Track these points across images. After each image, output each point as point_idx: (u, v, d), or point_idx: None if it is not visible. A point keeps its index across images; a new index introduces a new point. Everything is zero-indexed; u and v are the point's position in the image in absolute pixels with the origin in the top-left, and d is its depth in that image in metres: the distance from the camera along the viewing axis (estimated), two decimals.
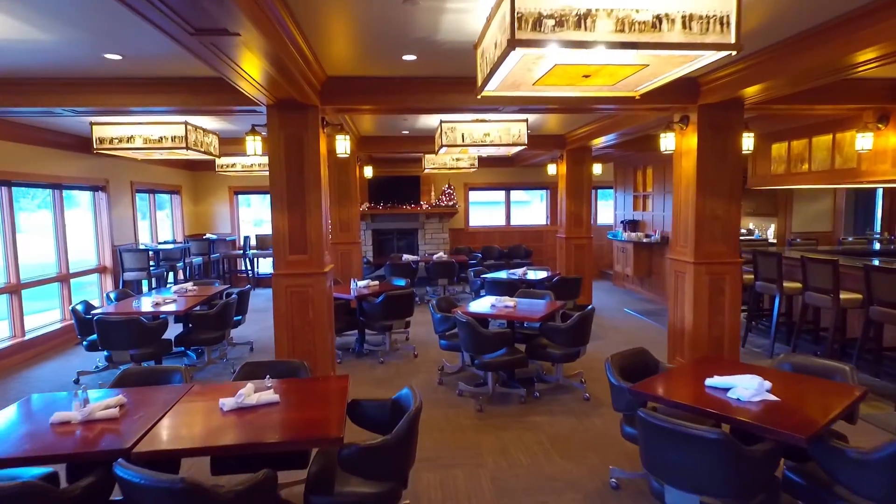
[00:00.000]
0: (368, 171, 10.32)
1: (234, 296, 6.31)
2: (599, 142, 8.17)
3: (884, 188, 9.65)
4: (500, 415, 4.71)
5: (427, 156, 9.40)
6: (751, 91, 4.54)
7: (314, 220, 4.68)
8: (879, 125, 5.35)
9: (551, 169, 9.30)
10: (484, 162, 11.17)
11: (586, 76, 2.69)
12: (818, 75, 3.91)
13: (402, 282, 7.20)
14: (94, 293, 8.49)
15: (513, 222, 13.16)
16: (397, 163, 12.06)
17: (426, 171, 9.64)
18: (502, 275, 7.98)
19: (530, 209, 13.55)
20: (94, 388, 3.11)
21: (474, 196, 13.01)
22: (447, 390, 5.36)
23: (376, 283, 7.02)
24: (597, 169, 9.16)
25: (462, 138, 6.16)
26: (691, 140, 5.02)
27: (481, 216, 13.17)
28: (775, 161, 7.14)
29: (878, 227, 10.08)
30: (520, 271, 7.91)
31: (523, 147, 6.39)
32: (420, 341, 7.20)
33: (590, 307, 5.09)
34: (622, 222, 10.97)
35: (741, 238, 8.96)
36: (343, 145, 5.59)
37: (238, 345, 7.05)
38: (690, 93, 4.87)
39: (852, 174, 5.81)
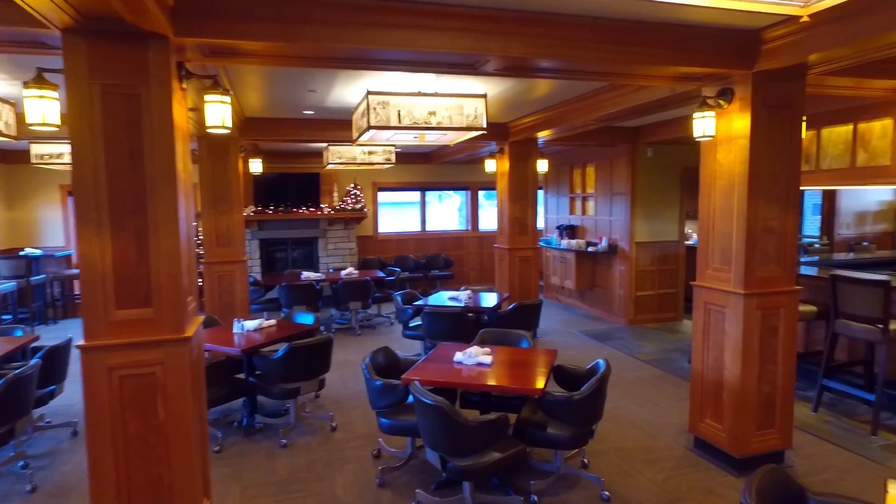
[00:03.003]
0: (256, 166, 8.03)
1: (36, 359, 3.92)
2: (548, 133, 6.68)
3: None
4: None
5: (331, 147, 7.36)
6: (817, 57, 3.17)
7: (165, 243, 2.58)
8: None
9: (489, 165, 7.68)
10: (398, 157, 9.31)
11: None
12: None
13: (309, 318, 5.15)
14: None
15: (429, 228, 11.40)
16: (292, 156, 9.82)
17: (329, 166, 7.57)
18: (443, 299, 6.19)
19: (447, 212, 11.89)
20: None
21: (383, 197, 11.08)
22: (395, 499, 3.47)
23: (272, 323, 4.91)
24: (542, 166, 7.70)
25: (398, 117, 4.29)
26: (737, 122, 3.57)
27: (392, 221, 11.27)
28: None
29: (815, 231, 9.68)
30: (464, 294, 6.16)
31: (480, 132, 4.65)
32: (336, 399, 5.20)
33: (602, 364, 3.46)
34: (558, 228, 9.66)
35: (665, 241, 7.99)
36: (218, 112, 3.17)
37: (52, 427, 4.58)
38: (743, 52, 3.41)
39: (886, 173, 4.75)
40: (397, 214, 11.38)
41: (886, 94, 4.50)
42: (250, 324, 4.77)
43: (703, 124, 3.62)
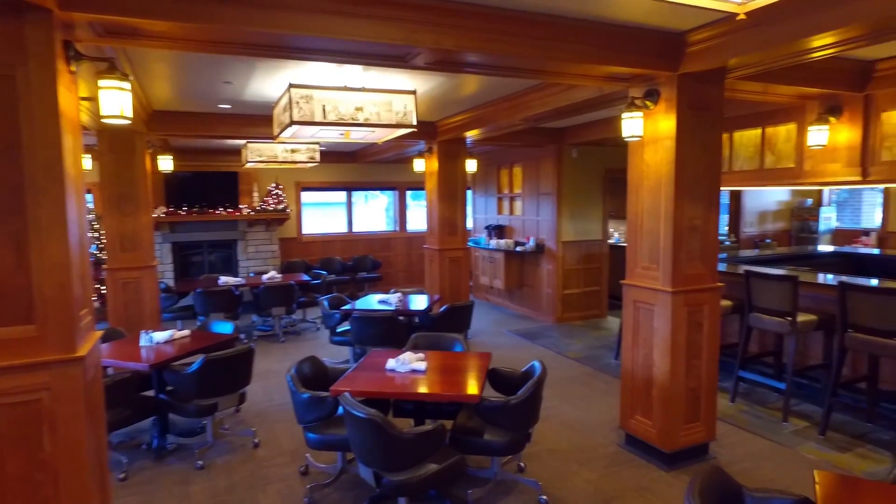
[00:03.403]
0: (166, 164, 7.44)
1: None
2: (477, 133, 6.63)
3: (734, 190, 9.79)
4: None
5: (250, 144, 6.95)
6: (736, 61, 3.29)
7: (50, 249, 2.23)
8: (830, 118, 4.60)
9: (418, 165, 7.53)
10: (323, 155, 8.97)
11: None
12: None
13: (227, 326, 4.78)
14: None
15: (356, 229, 11.09)
16: (208, 154, 9.24)
17: (248, 164, 7.14)
18: (372, 302, 5.97)
19: (375, 212, 11.63)
20: None
21: (307, 197, 10.66)
22: None
23: (185, 333, 4.51)
24: (471, 165, 7.65)
25: (323, 113, 4.06)
26: (664, 123, 3.64)
27: (318, 222, 10.87)
28: None
29: (723, 229, 10.27)
30: (394, 297, 5.98)
31: (410, 130, 4.50)
32: (259, 412, 4.87)
33: (537, 366, 3.41)
34: (487, 228, 9.67)
35: (590, 240, 8.23)
36: (115, 100, 2.74)
37: None
38: (669, 54, 3.47)
39: (791, 174, 5.06)
40: (322, 215, 11.01)
41: (791, 100, 4.79)
42: (160, 335, 4.34)
43: (632, 125, 3.66)
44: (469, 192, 10.12)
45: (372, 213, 11.58)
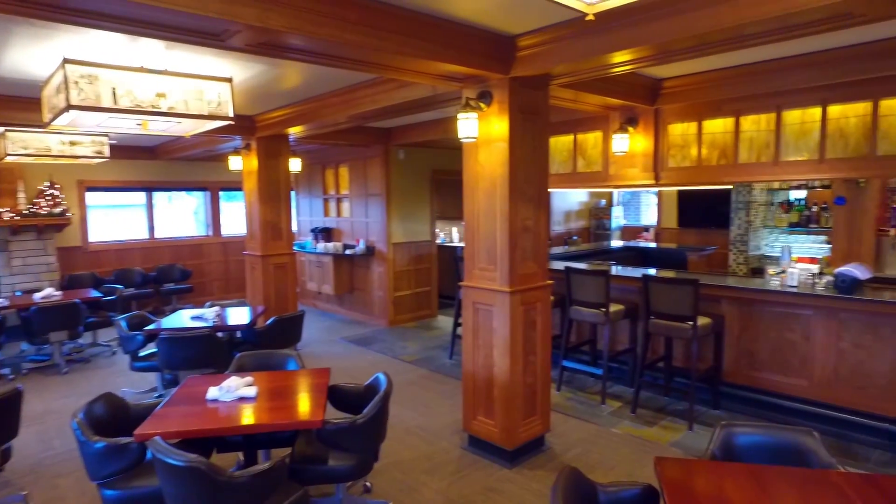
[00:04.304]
0: None
1: None
2: (301, 130, 6.19)
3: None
4: None
5: (11, 134, 5.59)
6: (561, 69, 3.49)
7: None
8: (629, 127, 5.14)
9: (234, 163, 6.78)
10: (115, 150, 7.66)
11: None
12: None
13: None
14: None
15: (159, 234, 9.72)
16: None
17: (8, 158, 5.74)
18: (184, 320, 5.18)
19: (183, 215, 10.32)
20: None
21: (95, 199, 9.04)
22: None
23: None
24: (294, 165, 7.12)
25: (113, 97, 3.39)
26: (497, 125, 3.68)
27: (109, 227, 9.28)
28: None
29: None
30: (210, 312, 5.26)
31: (225, 123, 3.98)
32: (33, 468, 3.89)
33: (383, 379, 3.21)
34: (313, 231, 9.17)
35: (419, 241, 8.37)
36: None
37: None
38: (502, 57, 3.51)
39: (599, 178, 5.56)
40: (116, 219, 9.43)
41: (598, 109, 5.26)
42: None
43: (467, 126, 3.64)
44: (293, 194, 9.51)
45: (179, 215, 10.25)
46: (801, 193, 7.41)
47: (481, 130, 3.74)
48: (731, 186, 7.27)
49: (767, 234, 7.66)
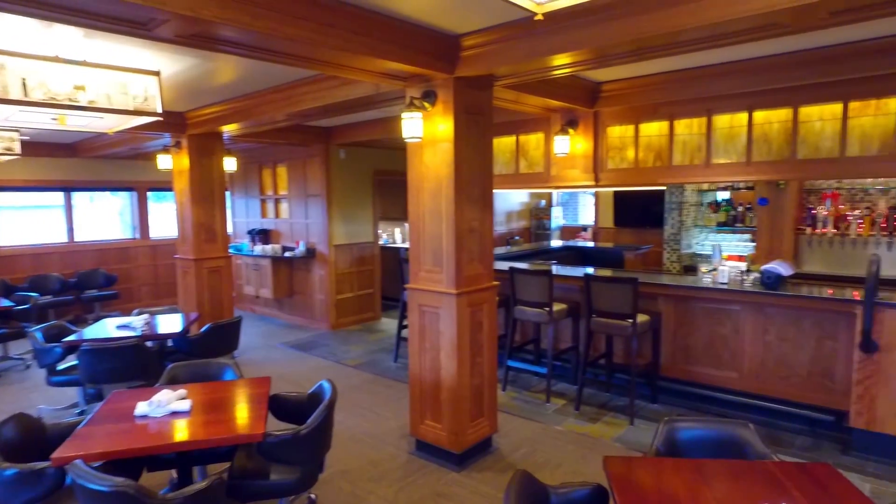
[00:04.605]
0: None
1: None
2: (236, 128, 5.93)
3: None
4: None
5: None
6: (504, 70, 3.50)
7: None
8: (570, 129, 5.23)
9: (163, 162, 6.40)
10: (28, 146, 7.08)
11: None
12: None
13: None
14: None
15: (80, 237, 9.07)
16: None
17: None
18: (108, 329, 4.82)
19: (108, 216, 9.67)
20: None
21: (5, 199, 8.33)
22: None
23: None
24: (229, 164, 6.80)
25: (24, 89, 3.15)
26: (442, 125, 3.63)
27: (22, 230, 8.57)
28: None
29: None
30: (138, 320, 4.93)
31: (153, 119, 3.76)
32: None
33: (327, 387, 3.10)
34: (250, 232, 8.83)
35: (362, 243, 8.25)
36: None
37: None
38: (446, 56, 3.47)
39: (541, 178, 5.63)
40: (29, 221, 8.72)
41: (539, 111, 5.33)
42: None
43: (411, 125, 3.57)
44: (227, 194, 9.11)
45: (103, 216, 9.59)
46: (727, 194, 7.81)
47: (426, 130, 3.69)
48: (665, 187, 7.56)
49: (698, 233, 8.02)
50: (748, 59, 4.07)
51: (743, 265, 4.76)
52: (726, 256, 5.16)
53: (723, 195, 7.87)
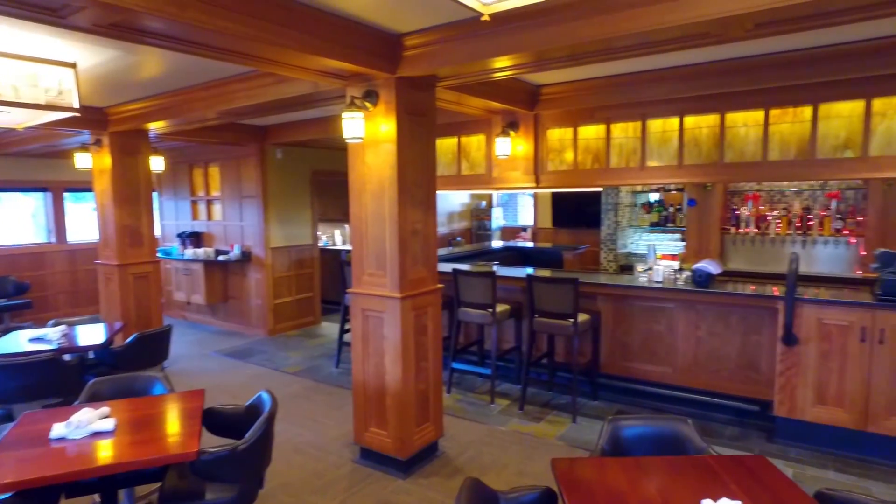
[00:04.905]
0: None
1: None
2: (163, 125, 5.61)
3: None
4: None
5: None
6: (446, 71, 3.48)
7: None
8: (511, 131, 5.27)
9: (82, 160, 5.95)
10: None
11: None
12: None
13: None
14: None
15: None
16: None
17: None
18: (21, 343, 4.42)
19: (18, 219, 8.91)
20: None
21: None
22: None
23: None
24: (157, 164, 6.41)
25: None
26: (384, 126, 3.56)
27: None
28: None
29: None
30: (55, 332, 4.55)
31: (69, 115, 3.48)
32: None
33: (266, 398, 2.97)
34: (180, 236, 8.38)
35: (300, 245, 8.04)
36: None
37: None
38: (388, 55, 3.40)
39: (483, 180, 5.64)
40: None
41: (481, 113, 5.34)
42: None
43: (352, 126, 3.48)
44: (155, 195, 8.61)
45: (13, 219, 8.83)
46: (658, 196, 8.15)
47: (368, 131, 3.60)
48: (602, 189, 7.79)
49: (633, 233, 8.32)
50: (679, 66, 4.24)
51: (676, 264, 4.96)
52: (660, 256, 5.36)
53: (655, 197, 8.20)
